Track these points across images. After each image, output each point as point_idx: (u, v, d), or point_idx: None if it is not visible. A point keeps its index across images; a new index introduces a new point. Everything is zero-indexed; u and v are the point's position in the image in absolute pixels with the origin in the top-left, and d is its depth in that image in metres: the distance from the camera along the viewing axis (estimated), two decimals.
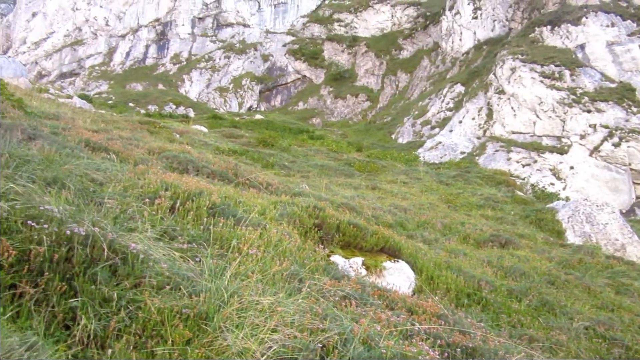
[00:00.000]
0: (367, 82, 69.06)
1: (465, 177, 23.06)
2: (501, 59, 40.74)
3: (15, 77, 26.78)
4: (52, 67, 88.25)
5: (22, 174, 4.26)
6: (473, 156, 34.65)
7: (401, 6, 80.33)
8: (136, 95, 61.56)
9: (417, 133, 43.80)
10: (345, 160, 23.70)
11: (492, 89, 39.59)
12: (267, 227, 5.03)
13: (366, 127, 53.98)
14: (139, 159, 7.53)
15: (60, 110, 13.23)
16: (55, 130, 7.73)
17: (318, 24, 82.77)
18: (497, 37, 51.44)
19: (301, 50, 76.65)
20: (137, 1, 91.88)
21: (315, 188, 12.54)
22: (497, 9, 53.84)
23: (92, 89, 69.80)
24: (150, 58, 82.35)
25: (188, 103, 60.29)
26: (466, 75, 47.18)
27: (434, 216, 13.22)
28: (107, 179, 5.18)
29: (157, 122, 18.92)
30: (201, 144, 16.75)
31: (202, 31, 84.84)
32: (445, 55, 58.04)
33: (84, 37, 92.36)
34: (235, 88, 71.21)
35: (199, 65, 75.32)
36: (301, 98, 70.52)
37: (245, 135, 26.99)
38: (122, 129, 13.88)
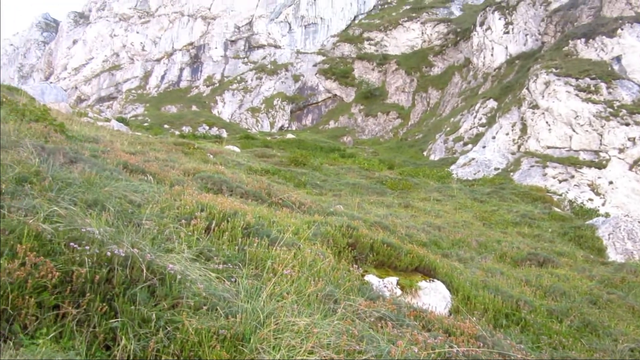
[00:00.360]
0: (397, 99, 68.98)
1: (500, 193, 22.63)
2: (534, 73, 40.13)
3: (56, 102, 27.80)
4: (91, 91, 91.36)
5: (65, 197, 4.40)
6: (507, 172, 34.03)
7: (431, 23, 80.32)
8: (171, 117, 62.99)
9: (450, 150, 43.35)
10: (377, 178, 23.61)
11: (526, 103, 38.97)
12: (301, 247, 5.04)
13: (397, 144, 53.75)
14: (175, 180, 7.68)
15: (99, 133, 13.63)
16: (95, 153, 7.96)
17: (348, 43, 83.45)
18: (530, 51, 50.78)
19: (332, 69, 77.29)
20: (172, 26, 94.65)
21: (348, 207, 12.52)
22: (529, 23, 53.25)
23: (129, 111, 71.81)
24: (184, 81, 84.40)
25: (221, 124, 61.33)
26: (499, 91, 46.62)
27: (469, 234, 12.99)
28: (145, 200, 5.30)
29: (191, 144, 19.28)
30: (234, 164, 16.96)
31: (235, 53, 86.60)
32: (476, 70, 57.56)
33: (121, 62, 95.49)
34: (267, 108, 72.14)
35: (231, 87, 76.74)
36: (332, 117, 70.88)
37: (277, 154, 27.22)
38: (157, 150, 14.19)
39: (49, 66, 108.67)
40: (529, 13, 53.97)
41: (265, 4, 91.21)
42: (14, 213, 3.60)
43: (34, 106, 10.69)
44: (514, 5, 55.59)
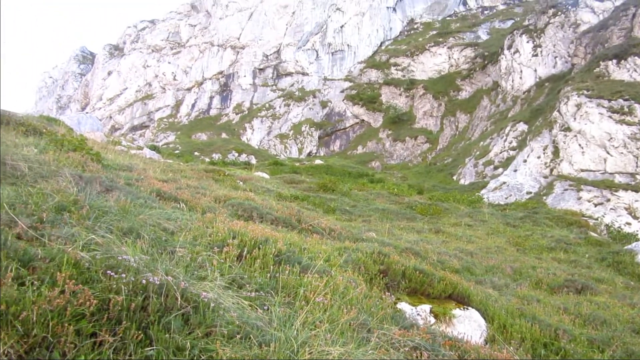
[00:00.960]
0: (425, 124, 68.80)
1: (534, 218, 22.13)
2: (565, 96, 39.57)
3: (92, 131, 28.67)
4: (124, 120, 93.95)
5: (102, 225, 4.51)
6: (540, 196, 33.33)
7: (458, 48, 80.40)
8: (201, 145, 64.12)
9: (480, 174, 42.81)
10: (406, 203, 23.42)
11: (557, 126, 38.35)
12: (332, 274, 5.02)
13: (426, 169, 53.38)
14: (207, 207, 7.78)
15: (133, 161, 13.94)
16: (129, 181, 8.14)
17: (375, 69, 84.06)
18: (560, 73, 50.20)
19: (359, 95, 77.80)
20: (202, 56, 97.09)
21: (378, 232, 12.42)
22: (557, 46, 52.78)
23: (161, 139, 73.41)
24: (214, 109, 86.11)
25: (250, 150, 62.08)
26: (529, 113, 46.06)
27: (503, 260, 12.71)
28: (178, 228, 5.37)
29: (221, 170, 19.53)
30: (264, 190, 17.09)
31: (263, 81, 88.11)
32: (505, 94, 57.09)
33: (153, 92, 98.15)
34: (295, 134, 72.81)
35: (259, 114, 77.86)
36: (360, 142, 71.03)
37: (306, 180, 27.33)
38: (189, 177, 14.42)
39: (85, 97, 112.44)
40: (557, 35, 53.54)
41: (293, 33, 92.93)
42: (54, 241, 3.70)
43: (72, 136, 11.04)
44: (542, 28, 55.27)
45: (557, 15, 54.99)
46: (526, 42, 55.62)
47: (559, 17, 54.72)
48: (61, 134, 11.25)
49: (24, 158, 5.80)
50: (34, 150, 7.25)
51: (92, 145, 12.28)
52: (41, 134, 10.86)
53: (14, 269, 3.10)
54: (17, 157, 5.61)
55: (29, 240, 3.70)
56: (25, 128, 10.75)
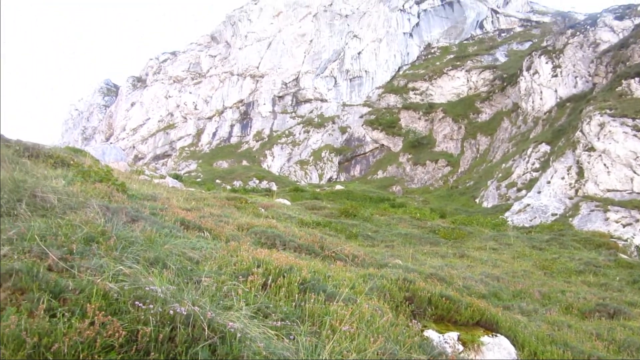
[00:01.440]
0: (446, 147, 68.51)
1: (560, 240, 21.70)
2: (588, 115, 39.12)
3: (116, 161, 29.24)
4: (147, 150, 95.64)
5: (129, 255, 4.57)
6: (566, 218, 32.70)
7: (476, 70, 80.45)
8: (222, 172, 64.76)
9: (503, 196, 42.27)
10: (429, 227, 23.20)
11: (581, 146, 37.82)
12: (358, 302, 4.97)
13: (448, 192, 52.93)
14: (230, 236, 7.82)
15: (156, 190, 14.13)
16: (154, 210, 8.24)
17: (393, 94, 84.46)
18: (581, 93, 49.73)
19: (378, 120, 78.07)
20: (223, 85, 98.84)
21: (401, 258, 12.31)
22: (577, 65, 52.43)
23: (183, 168, 74.40)
24: (234, 137, 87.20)
25: (270, 177, 62.45)
26: (551, 134, 45.57)
27: (530, 284, 12.44)
28: (203, 257, 5.41)
29: (243, 198, 19.67)
30: (285, 217, 17.12)
31: (282, 108, 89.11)
32: (526, 115, 56.68)
33: (175, 121, 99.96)
34: (315, 160, 73.12)
35: (279, 141, 78.54)
36: (380, 167, 70.96)
37: (327, 206, 27.31)
38: (211, 205, 14.54)
39: (109, 128, 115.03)
40: (577, 55, 53.24)
41: (311, 60, 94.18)
42: (83, 273, 3.75)
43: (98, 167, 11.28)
44: (560, 48, 55.06)
45: (575, 36, 54.78)
46: (545, 62, 55.39)
47: (577, 37, 54.49)
48: (87, 165, 11.49)
49: (53, 190, 5.93)
50: (62, 182, 7.41)
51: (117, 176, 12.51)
52: (68, 165, 11.11)
53: (45, 301, 3.15)
54: (46, 189, 5.75)
55: (60, 271, 3.77)
56: (54, 160, 11.02)
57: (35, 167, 8.61)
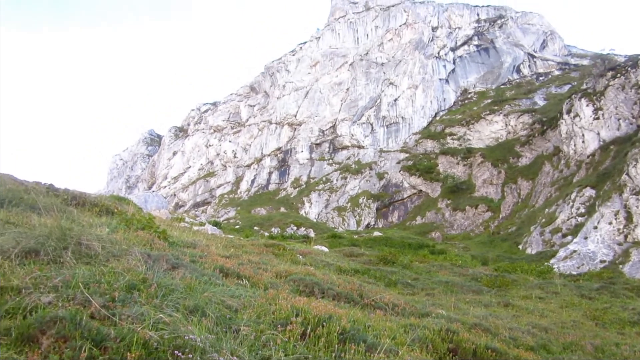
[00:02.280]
0: (486, 192, 67.30)
1: (611, 289, 20.63)
2: (634, 158, 37.92)
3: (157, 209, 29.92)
4: (187, 197, 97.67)
5: (168, 303, 4.59)
6: (616, 265, 31.24)
7: (514, 114, 79.76)
8: (260, 219, 65.22)
9: (547, 242, 40.88)
10: (471, 275, 22.52)
11: (628, 190, 36.50)
12: (399, 353, 4.81)
13: (489, 238, 51.60)
14: (269, 283, 7.79)
15: (196, 237, 14.30)
16: (194, 258, 8.32)
17: (430, 139, 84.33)
18: (625, 135, 48.41)
19: (415, 165, 77.72)
20: (261, 134, 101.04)
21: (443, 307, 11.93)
22: (620, 108, 51.29)
23: (222, 215, 75.41)
24: (272, 184, 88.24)
25: (308, 224, 62.46)
26: (595, 178, 44.25)
27: (581, 336, 11.79)
28: (241, 305, 5.38)
29: (281, 245, 19.66)
30: (323, 264, 16.97)
31: (320, 155, 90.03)
32: (568, 158, 55.39)
33: (215, 169, 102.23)
34: (353, 207, 72.90)
35: (317, 187, 78.91)
36: (418, 213, 70.08)
37: (365, 253, 26.99)
38: (250, 253, 14.58)
39: (151, 176, 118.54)
40: (618, 97, 52.17)
41: (348, 108, 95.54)
42: (124, 320, 3.78)
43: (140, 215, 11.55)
44: (601, 90, 54.16)
45: (616, 78, 53.86)
46: (586, 105, 54.44)
47: (618, 79, 53.55)
48: (131, 213, 11.78)
49: (98, 238, 6.08)
50: (106, 229, 7.60)
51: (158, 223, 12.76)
52: (112, 213, 11.43)
53: (87, 349, 3.18)
54: (91, 237, 5.90)
55: (102, 319, 3.81)
56: (99, 208, 11.36)
57: (81, 215, 8.89)
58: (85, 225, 7.19)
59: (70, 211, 8.57)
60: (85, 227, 6.83)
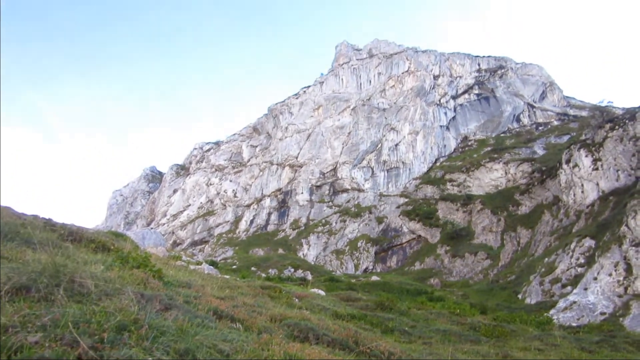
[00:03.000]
0: (485, 239, 66.98)
1: (611, 342, 20.22)
2: (632, 210, 37.92)
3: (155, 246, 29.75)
4: (185, 235, 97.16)
5: (159, 346, 4.51)
6: (616, 317, 30.75)
7: (514, 163, 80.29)
8: (258, 260, 64.70)
9: (547, 292, 40.39)
10: (469, 324, 22.14)
11: (627, 241, 36.33)
12: None
13: (488, 286, 51.01)
14: (262, 327, 7.67)
15: (192, 277, 14.18)
16: (188, 299, 8.22)
17: (430, 185, 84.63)
18: (624, 187, 48.57)
19: (415, 210, 77.68)
20: (262, 174, 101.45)
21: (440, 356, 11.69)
22: (618, 159, 51.66)
23: (219, 254, 74.86)
24: (271, 224, 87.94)
25: (306, 266, 61.90)
26: (595, 228, 44.11)
27: None
28: (234, 350, 5.29)
29: (277, 287, 19.45)
30: (319, 308, 16.73)
31: (320, 198, 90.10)
32: (567, 208, 55.39)
33: (214, 208, 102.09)
34: (351, 250, 72.43)
35: (316, 230, 78.62)
36: (417, 258, 69.55)
37: (363, 298, 26.63)
38: (245, 294, 14.40)
39: (151, 213, 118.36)
40: (617, 149, 52.63)
41: (349, 152, 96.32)
42: None
43: (137, 253, 11.47)
44: (600, 142, 54.70)
45: (614, 129, 54.49)
46: (585, 156, 54.87)
47: (616, 131, 54.16)
48: (127, 250, 11.72)
49: (92, 275, 6.03)
50: (101, 267, 7.55)
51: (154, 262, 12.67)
52: (109, 250, 11.37)
53: None
54: (85, 275, 5.85)
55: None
56: (95, 245, 11.31)
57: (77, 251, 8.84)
58: (80, 262, 7.15)
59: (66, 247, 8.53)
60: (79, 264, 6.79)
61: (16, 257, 6.51)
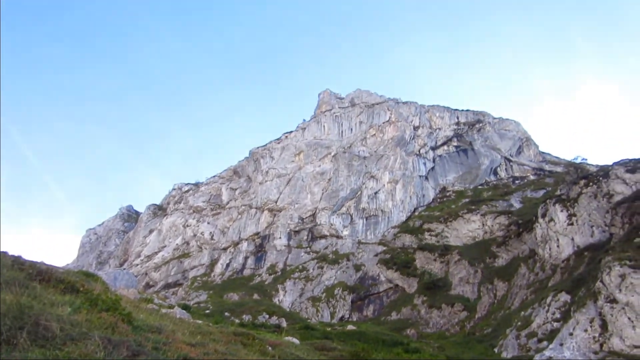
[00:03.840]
0: (462, 290, 66.84)
1: None
2: (607, 266, 38.34)
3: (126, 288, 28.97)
4: (159, 277, 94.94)
5: None
6: None
7: (491, 215, 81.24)
8: (232, 305, 63.31)
9: (523, 347, 40.10)
10: None
11: (602, 297, 36.55)
12: None
13: (465, 339, 50.52)
14: None
15: (163, 322, 13.78)
16: (157, 345, 7.96)
17: (409, 234, 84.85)
18: (598, 242, 49.31)
19: (393, 259, 77.50)
20: (241, 218, 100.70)
21: None
22: (593, 215, 52.63)
23: (193, 298, 73.11)
24: (247, 269, 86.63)
25: (281, 313, 60.75)
26: (570, 283, 44.41)
27: None
28: None
29: (250, 334, 18.97)
30: (293, 357, 16.33)
31: (298, 243, 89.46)
32: (544, 262, 55.85)
33: (190, 250, 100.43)
34: (328, 297, 71.48)
35: (293, 276, 77.63)
36: (394, 308, 68.85)
37: (338, 347, 26.10)
38: (217, 341, 14.02)
39: (125, 253, 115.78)
40: (591, 205, 53.70)
41: (328, 198, 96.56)
42: None
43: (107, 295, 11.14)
44: (575, 197, 55.83)
45: (589, 186, 55.75)
46: (560, 211, 55.82)
47: (591, 187, 55.41)
48: (97, 292, 11.39)
49: (58, 318, 5.83)
50: (68, 309, 7.30)
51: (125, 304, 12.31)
52: (78, 291, 11.02)
53: None
54: (50, 318, 5.65)
55: None
56: (64, 285, 10.97)
57: (44, 292, 8.55)
58: (47, 303, 6.91)
59: (33, 287, 8.25)
60: (46, 305, 6.56)
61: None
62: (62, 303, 7.87)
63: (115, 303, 9.83)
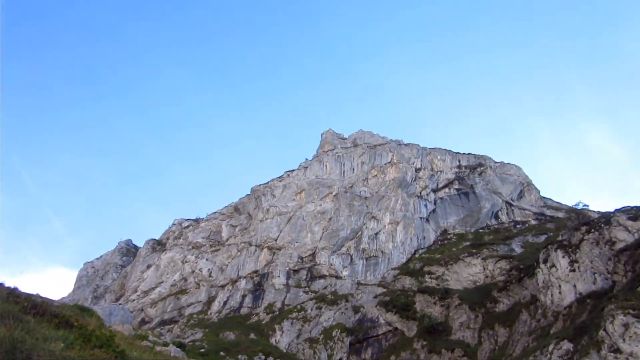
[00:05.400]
0: (462, 335, 65.59)
1: None
2: (610, 314, 37.76)
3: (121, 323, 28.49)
4: (155, 314, 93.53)
5: None
6: None
7: (492, 259, 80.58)
8: (228, 344, 62.08)
9: None
10: None
11: (606, 347, 35.83)
12: None
13: None
14: None
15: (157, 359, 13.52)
16: None
17: (409, 276, 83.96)
18: (601, 290, 48.68)
19: (392, 302, 76.38)
20: (240, 255, 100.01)
21: None
22: (595, 262, 52.16)
23: (188, 336, 71.83)
24: (245, 307, 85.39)
25: (277, 354, 59.53)
26: (572, 331, 43.61)
27: None
28: None
29: None
30: None
31: (296, 282, 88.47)
32: (545, 309, 55.00)
33: (187, 287, 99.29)
34: (325, 339, 70.15)
35: (290, 315, 76.41)
36: (392, 352, 67.44)
37: None
38: None
39: (121, 288, 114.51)
40: (593, 252, 53.29)
41: (329, 237, 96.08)
42: None
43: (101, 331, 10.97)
44: (576, 243, 55.47)
45: (590, 232, 55.46)
46: (562, 257, 55.35)
47: (592, 234, 55.12)
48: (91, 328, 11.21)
49: (50, 354, 5.73)
50: (61, 345, 7.18)
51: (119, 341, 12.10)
52: (72, 326, 10.86)
53: None
54: (43, 353, 5.55)
55: None
56: (58, 319, 10.81)
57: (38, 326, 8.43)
58: (40, 338, 6.80)
59: (27, 320, 8.14)
60: (39, 340, 6.45)
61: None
62: (56, 338, 7.75)
63: (109, 339, 9.67)
